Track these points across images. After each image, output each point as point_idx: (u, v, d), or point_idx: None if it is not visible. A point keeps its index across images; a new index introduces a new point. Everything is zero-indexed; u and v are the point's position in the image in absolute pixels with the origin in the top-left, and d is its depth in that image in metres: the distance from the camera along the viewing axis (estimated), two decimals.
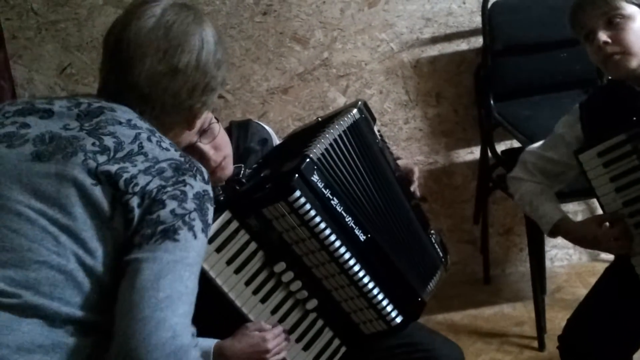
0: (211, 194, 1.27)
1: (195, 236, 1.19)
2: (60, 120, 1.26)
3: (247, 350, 1.57)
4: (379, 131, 1.88)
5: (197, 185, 1.23)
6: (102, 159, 1.20)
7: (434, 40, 2.87)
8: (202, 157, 1.66)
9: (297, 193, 1.52)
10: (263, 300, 1.62)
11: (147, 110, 1.33)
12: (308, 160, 1.57)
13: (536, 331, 2.63)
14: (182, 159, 1.26)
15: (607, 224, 1.83)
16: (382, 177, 1.75)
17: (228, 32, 2.77)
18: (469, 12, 2.85)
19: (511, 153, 2.83)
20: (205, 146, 1.66)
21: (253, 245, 1.60)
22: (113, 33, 1.35)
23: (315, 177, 1.56)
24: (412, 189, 1.89)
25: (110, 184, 1.18)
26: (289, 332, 1.65)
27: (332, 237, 1.58)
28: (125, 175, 1.18)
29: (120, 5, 2.69)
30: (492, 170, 2.87)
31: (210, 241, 1.54)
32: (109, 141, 1.22)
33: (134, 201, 1.17)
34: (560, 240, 3.11)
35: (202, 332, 1.54)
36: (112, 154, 1.21)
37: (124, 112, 1.29)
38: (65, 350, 1.15)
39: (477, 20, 2.82)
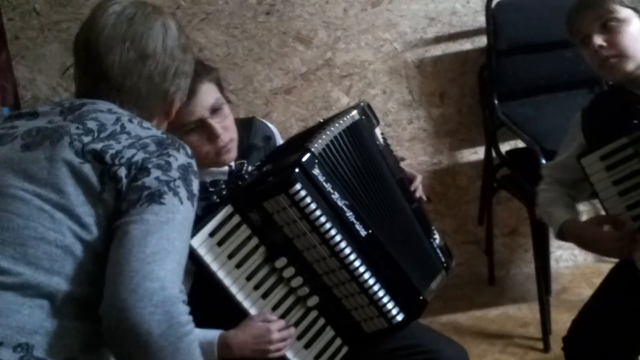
0: (195, 168, 1.31)
1: (181, 201, 1.24)
2: (45, 117, 1.33)
3: (251, 341, 1.58)
4: (382, 134, 1.88)
5: (180, 157, 1.29)
6: (87, 139, 1.26)
7: (438, 39, 2.86)
8: (212, 133, 1.71)
9: (298, 186, 1.53)
10: (264, 295, 1.62)
11: (125, 100, 1.39)
12: (309, 154, 1.58)
13: (541, 332, 2.62)
14: (164, 136, 1.32)
15: (610, 226, 1.82)
16: (379, 179, 1.75)
17: (231, 32, 2.76)
18: (472, 11, 2.84)
19: (516, 153, 2.83)
20: (216, 124, 1.71)
21: (255, 241, 1.60)
22: (80, 36, 1.43)
23: (316, 171, 1.57)
24: (417, 195, 1.88)
25: (97, 160, 1.23)
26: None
27: (333, 231, 1.58)
28: (111, 151, 1.24)
29: None
30: (497, 171, 2.86)
31: (212, 234, 1.56)
32: (91, 124, 1.28)
33: (122, 171, 1.23)
34: None
35: (203, 325, 1.54)
36: (95, 134, 1.27)
37: (104, 104, 1.36)
38: (65, 333, 1.18)
39: (481, 20, 2.81)
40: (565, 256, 3.15)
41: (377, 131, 1.86)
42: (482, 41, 2.85)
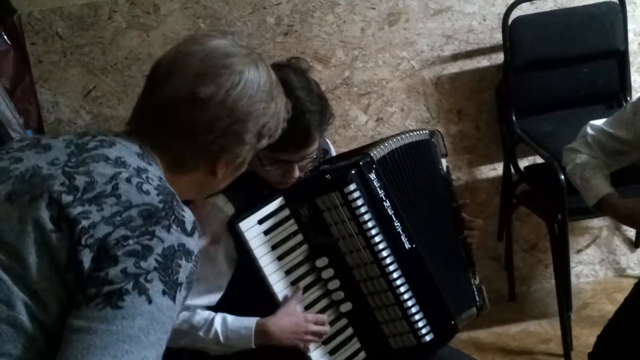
0: (191, 248, 1.12)
1: (149, 300, 1.05)
2: (52, 154, 1.18)
3: (289, 328, 1.60)
4: (447, 166, 1.90)
5: (170, 238, 1.09)
6: (67, 199, 1.09)
7: (455, 57, 2.88)
8: (290, 175, 1.63)
9: (353, 186, 1.57)
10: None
11: (158, 142, 1.22)
12: (369, 158, 1.63)
13: (562, 348, 2.61)
14: (161, 205, 1.11)
15: None
16: (434, 201, 1.77)
17: None
18: (489, 28, 2.85)
19: (534, 169, 2.83)
20: (297, 169, 1.65)
21: (299, 237, 1.64)
22: (158, 59, 1.28)
23: (372, 175, 1.62)
24: (465, 232, 1.85)
25: (70, 230, 1.08)
26: None
27: (378, 238, 1.61)
28: (84, 223, 1.07)
29: (144, 28, 2.72)
30: (516, 187, 2.86)
31: (261, 222, 1.60)
32: (80, 180, 1.12)
33: (86, 254, 1.06)
34: (585, 256, 3.11)
35: (238, 308, 1.61)
36: (79, 194, 1.10)
37: (122, 148, 1.19)
38: None
39: (497, 37, 2.82)
40: (586, 272, 3.14)
41: (443, 161, 1.88)
42: (499, 58, 2.86)
